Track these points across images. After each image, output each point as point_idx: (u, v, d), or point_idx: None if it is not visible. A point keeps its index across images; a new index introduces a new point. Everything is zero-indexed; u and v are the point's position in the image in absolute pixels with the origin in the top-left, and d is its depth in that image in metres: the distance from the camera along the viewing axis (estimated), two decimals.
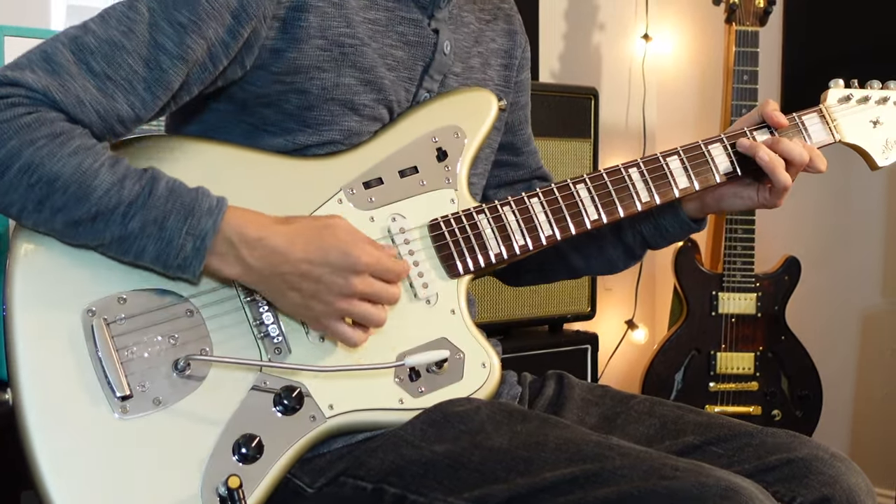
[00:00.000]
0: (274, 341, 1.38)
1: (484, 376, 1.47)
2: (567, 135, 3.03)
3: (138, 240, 1.30)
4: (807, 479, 1.39)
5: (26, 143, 1.26)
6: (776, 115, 1.61)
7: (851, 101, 1.69)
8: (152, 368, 1.33)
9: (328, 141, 1.47)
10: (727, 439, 1.47)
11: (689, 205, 1.67)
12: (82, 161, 1.28)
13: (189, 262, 1.31)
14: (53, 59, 1.30)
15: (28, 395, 1.28)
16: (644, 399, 1.60)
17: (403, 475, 1.37)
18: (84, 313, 1.32)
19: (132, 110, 1.33)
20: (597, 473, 1.27)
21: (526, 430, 1.37)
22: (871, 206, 3.44)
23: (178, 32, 1.33)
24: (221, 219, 1.31)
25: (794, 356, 3.26)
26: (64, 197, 1.28)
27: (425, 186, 1.51)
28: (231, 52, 1.38)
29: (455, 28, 1.60)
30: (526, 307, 2.98)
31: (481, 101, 1.58)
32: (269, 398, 1.37)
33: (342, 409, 1.39)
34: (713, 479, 1.23)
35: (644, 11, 3.86)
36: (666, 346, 3.27)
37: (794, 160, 1.58)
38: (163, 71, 1.33)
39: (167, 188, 1.31)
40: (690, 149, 1.59)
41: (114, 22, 1.33)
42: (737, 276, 3.22)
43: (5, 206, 1.30)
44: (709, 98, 3.76)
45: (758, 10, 3.17)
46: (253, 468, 1.33)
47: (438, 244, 1.48)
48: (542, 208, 1.52)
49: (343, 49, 1.44)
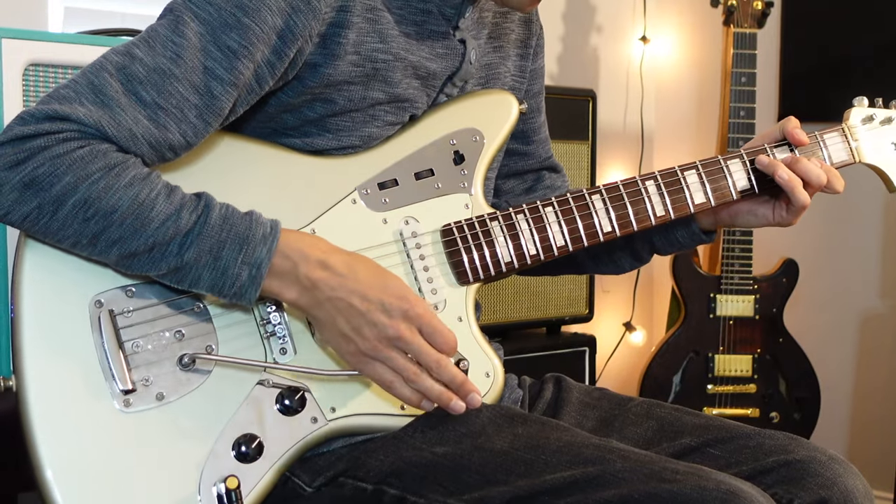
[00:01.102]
0: (280, 342, 1.38)
1: (487, 385, 1.46)
2: (565, 137, 3.03)
3: (194, 270, 1.29)
4: (804, 481, 1.39)
5: (81, 177, 1.25)
6: (797, 132, 1.58)
7: (874, 121, 1.66)
8: (157, 363, 1.32)
9: (347, 146, 1.46)
10: (725, 441, 1.47)
11: (702, 218, 1.65)
12: (139, 193, 1.27)
13: (245, 290, 1.30)
14: (103, 90, 1.27)
15: (32, 383, 1.27)
16: (642, 401, 1.59)
17: (403, 476, 1.37)
18: (92, 304, 1.31)
19: (184, 139, 1.31)
20: (597, 476, 1.27)
21: (526, 432, 1.37)
22: (869, 209, 3.44)
23: (229, 58, 1.31)
24: (276, 245, 1.30)
25: (793, 358, 3.26)
26: (120, 230, 1.26)
27: (440, 190, 1.49)
28: (277, 72, 1.36)
29: (477, 33, 1.59)
30: (524, 309, 2.98)
31: (501, 104, 1.56)
32: (271, 398, 1.36)
33: (344, 412, 1.39)
34: (713, 482, 1.23)
35: (642, 13, 3.86)
36: (664, 348, 3.27)
37: (812, 181, 1.55)
38: (214, 98, 1.31)
39: (220, 216, 1.30)
40: (709, 163, 1.56)
41: (159, 48, 1.30)
42: (735, 278, 3.22)
43: (58, 240, 1.28)
44: (706, 100, 3.77)
45: (756, 12, 3.17)
46: (252, 468, 1.33)
47: (450, 250, 1.47)
48: (556, 217, 1.50)
49: (375, 65, 1.43)
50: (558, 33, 3.70)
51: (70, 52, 1.89)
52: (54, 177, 1.24)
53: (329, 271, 1.32)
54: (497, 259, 1.47)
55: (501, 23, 1.66)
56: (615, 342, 3.79)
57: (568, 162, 3.02)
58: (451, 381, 1.36)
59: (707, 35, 3.77)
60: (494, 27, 1.65)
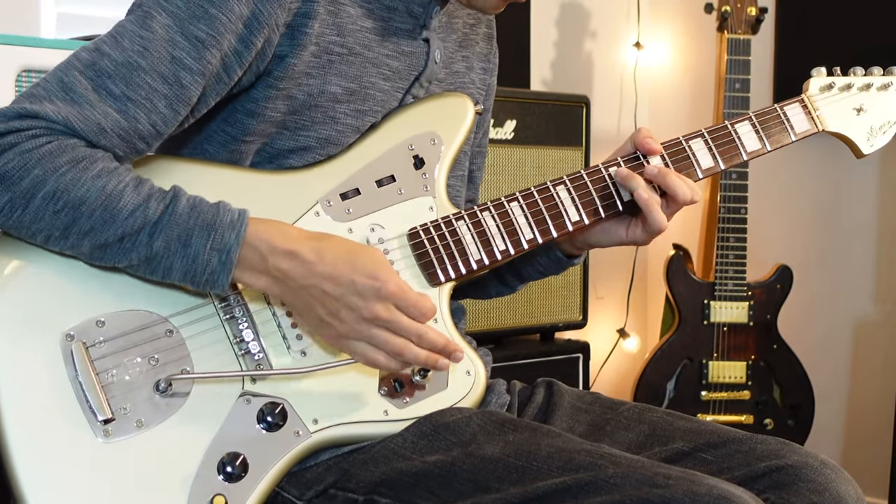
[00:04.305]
0: (255, 357, 1.38)
1: (469, 384, 1.46)
2: (558, 143, 3.03)
3: (165, 259, 1.30)
4: (796, 487, 1.38)
5: (49, 170, 1.27)
6: (648, 142, 1.55)
7: (834, 88, 1.66)
8: (133, 390, 1.32)
9: (303, 147, 1.46)
10: (717, 446, 1.46)
11: (563, 244, 1.65)
12: (106, 184, 1.29)
13: (217, 276, 1.31)
14: (71, 88, 1.30)
15: (9, 421, 1.27)
16: (633, 406, 1.59)
17: (395, 486, 1.36)
18: (63, 338, 1.31)
19: (153, 128, 1.34)
20: (589, 482, 1.27)
21: (517, 439, 1.37)
22: (862, 215, 3.44)
23: (196, 48, 1.33)
24: (244, 231, 1.31)
25: (787, 365, 3.26)
26: (90, 221, 1.28)
27: (403, 195, 1.49)
28: (245, 61, 1.37)
29: (444, 36, 1.61)
30: (517, 316, 2.97)
31: (457, 107, 1.55)
32: (252, 415, 1.36)
33: (326, 423, 1.39)
34: (705, 487, 1.23)
35: (636, 19, 3.86)
36: (658, 354, 3.27)
37: (679, 197, 1.51)
38: (182, 87, 1.34)
39: (188, 205, 1.31)
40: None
41: (127, 42, 1.33)
42: (729, 284, 3.22)
43: (32, 234, 1.30)
44: (700, 106, 3.77)
45: (750, 19, 3.17)
46: (238, 486, 1.33)
47: (418, 252, 1.47)
48: (522, 211, 1.50)
49: (331, 57, 1.44)
50: (552, 39, 3.70)
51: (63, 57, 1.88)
52: (24, 170, 1.27)
53: (297, 260, 1.32)
54: (467, 257, 1.47)
55: (469, 34, 1.68)
56: (609, 349, 3.78)
57: (561, 168, 3.02)
58: (434, 347, 1.35)
59: (701, 41, 3.77)
60: (464, 37, 1.66)
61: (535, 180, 2.90)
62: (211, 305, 1.38)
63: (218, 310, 1.38)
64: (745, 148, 1.61)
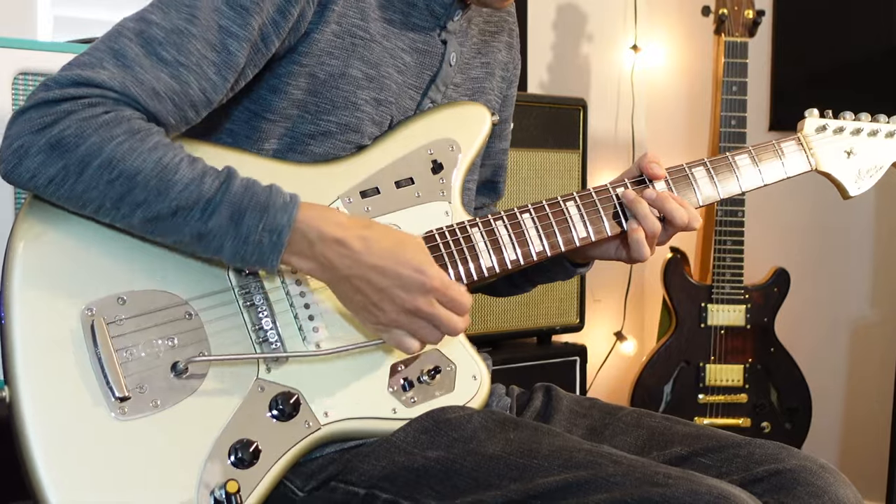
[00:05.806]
0: (272, 346, 1.39)
1: (475, 388, 1.49)
2: (555, 146, 3.03)
3: (217, 237, 1.31)
4: (795, 490, 1.39)
5: (106, 139, 1.28)
6: (653, 167, 1.58)
7: (827, 130, 1.72)
8: (150, 370, 1.33)
9: (324, 132, 1.47)
10: (715, 450, 1.47)
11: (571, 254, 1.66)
12: (163, 156, 1.30)
13: (266, 257, 1.32)
14: (123, 54, 1.32)
15: (25, 392, 1.27)
16: (632, 411, 1.60)
17: (395, 481, 1.37)
18: (83, 312, 1.31)
19: (203, 94, 1.35)
20: (589, 480, 1.27)
21: (518, 437, 1.38)
22: (860, 218, 3.44)
23: (242, 15, 1.36)
24: (296, 214, 1.32)
25: (784, 368, 3.26)
26: (145, 192, 1.29)
27: (420, 198, 1.52)
28: (282, 32, 1.40)
29: (462, 40, 1.62)
30: (514, 319, 2.97)
31: (475, 115, 1.59)
32: (265, 404, 1.37)
33: (337, 416, 1.40)
34: (705, 486, 1.24)
35: (633, 22, 3.87)
36: (655, 358, 3.27)
37: (676, 221, 1.55)
38: (230, 54, 1.36)
39: (242, 185, 1.32)
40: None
41: (174, 11, 1.35)
42: (726, 287, 3.22)
43: (83, 204, 1.30)
44: (698, 109, 3.77)
45: (747, 21, 3.18)
46: (248, 473, 1.34)
47: (432, 255, 1.47)
48: (534, 223, 1.53)
49: (354, 40, 1.46)
50: (549, 42, 3.70)
51: (60, 60, 1.86)
52: (80, 138, 1.27)
53: (345, 248, 1.34)
54: (479, 263, 1.49)
55: (490, 41, 1.69)
56: (606, 352, 3.78)
57: (558, 171, 3.02)
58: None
59: (698, 44, 3.78)
60: (483, 44, 1.68)
61: (533, 183, 2.94)
62: (231, 292, 1.39)
63: (237, 297, 1.39)
64: (742, 186, 1.65)
